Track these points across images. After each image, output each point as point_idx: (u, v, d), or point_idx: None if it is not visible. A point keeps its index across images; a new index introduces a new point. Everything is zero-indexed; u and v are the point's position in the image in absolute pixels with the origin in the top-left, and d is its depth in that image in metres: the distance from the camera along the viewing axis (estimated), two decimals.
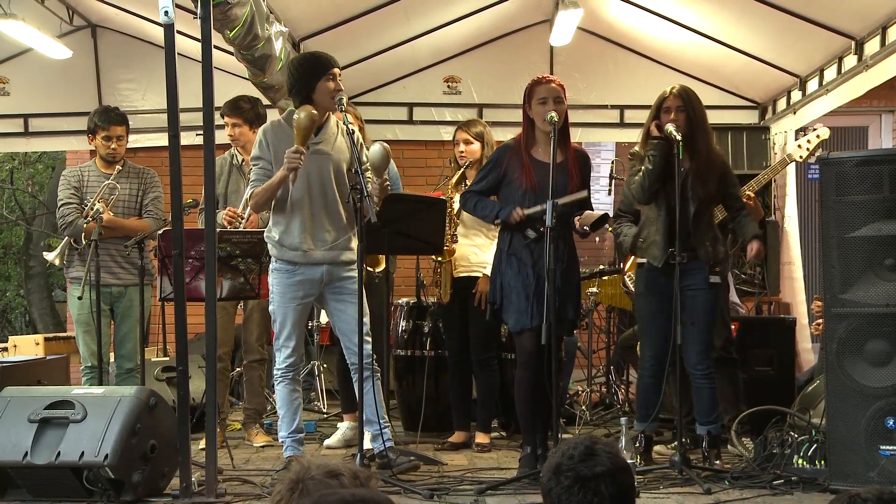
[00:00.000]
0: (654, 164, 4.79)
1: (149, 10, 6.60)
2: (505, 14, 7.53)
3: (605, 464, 2.16)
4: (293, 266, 4.77)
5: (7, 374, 5.79)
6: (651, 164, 4.80)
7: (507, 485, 4.50)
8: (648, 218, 4.97)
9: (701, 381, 4.86)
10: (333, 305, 4.85)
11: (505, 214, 4.77)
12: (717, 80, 7.77)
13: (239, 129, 5.81)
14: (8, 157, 15.69)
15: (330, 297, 4.83)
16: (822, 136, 5.57)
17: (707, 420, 4.89)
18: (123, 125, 5.85)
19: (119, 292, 5.80)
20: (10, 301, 17.38)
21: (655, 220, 4.90)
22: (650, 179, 4.81)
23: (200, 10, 4.20)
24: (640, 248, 4.98)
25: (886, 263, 4.31)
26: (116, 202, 5.75)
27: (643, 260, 5.00)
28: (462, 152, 5.69)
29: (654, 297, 4.92)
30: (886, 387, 4.28)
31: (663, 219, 4.85)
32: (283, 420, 4.80)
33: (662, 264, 4.82)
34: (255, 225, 5.67)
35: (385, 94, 8.15)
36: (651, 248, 4.90)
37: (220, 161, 5.76)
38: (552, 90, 4.79)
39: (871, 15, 5.82)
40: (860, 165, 4.39)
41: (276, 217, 4.80)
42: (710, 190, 4.86)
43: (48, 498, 4.27)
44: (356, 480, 2.01)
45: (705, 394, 4.88)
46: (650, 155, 4.81)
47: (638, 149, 4.98)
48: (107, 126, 5.77)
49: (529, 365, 4.76)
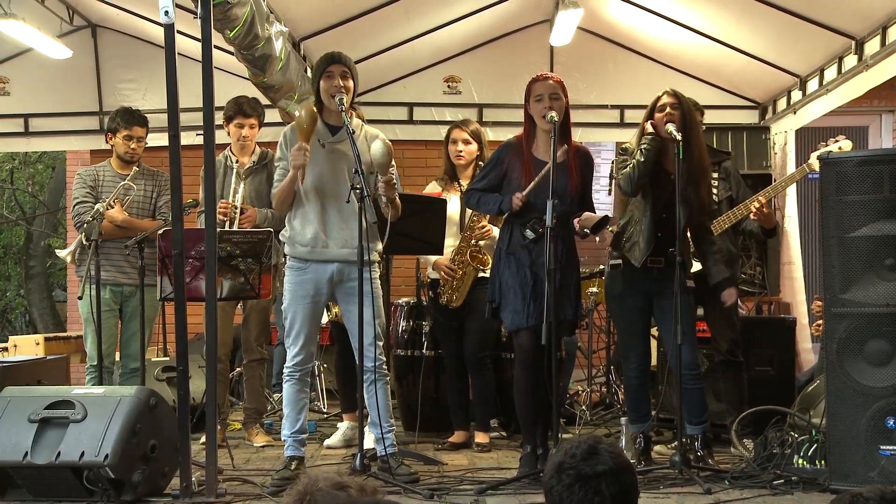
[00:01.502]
0: (646, 156, 4.77)
1: (149, 10, 6.61)
2: (505, 14, 7.53)
3: (607, 463, 2.16)
4: (304, 263, 4.77)
5: (7, 374, 5.79)
6: (643, 157, 4.78)
7: (507, 484, 4.49)
8: (633, 217, 4.93)
9: (691, 383, 4.85)
10: (344, 306, 4.83)
11: (507, 205, 4.78)
12: (717, 79, 7.77)
13: (254, 129, 5.85)
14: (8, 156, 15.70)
15: (342, 297, 4.81)
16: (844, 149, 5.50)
17: (699, 420, 4.90)
18: (145, 127, 5.92)
19: (130, 292, 5.81)
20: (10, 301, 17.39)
21: (640, 219, 4.88)
22: (639, 171, 4.77)
23: (200, 9, 4.20)
24: (624, 246, 4.96)
25: (887, 263, 4.31)
26: (131, 203, 5.77)
27: (617, 262, 4.98)
28: (461, 152, 5.69)
29: (635, 298, 4.93)
30: (886, 387, 4.28)
31: (648, 219, 4.84)
32: (287, 419, 4.79)
33: (641, 265, 4.83)
34: (252, 218, 5.68)
35: (385, 94, 8.15)
36: (633, 249, 4.89)
37: None
38: (548, 87, 4.79)
39: (871, 15, 5.82)
40: (860, 165, 4.39)
41: (290, 215, 4.82)
42: (701, 194, 4.85)
43: (48, 498, 4.27)
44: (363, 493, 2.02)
45: (696, 395, 4.88)
46: (643, 148, 4.78)
47: (629, 144, 4.98)
48: (129, 126, 5.83)
49: (528, 364, 4.76)
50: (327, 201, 4.73)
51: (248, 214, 5.69)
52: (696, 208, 4.85)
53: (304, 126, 4.60)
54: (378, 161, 4.57)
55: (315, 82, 4.82)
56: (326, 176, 4.73)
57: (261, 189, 5.82)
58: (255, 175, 5.84)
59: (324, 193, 4.73)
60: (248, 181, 5.81)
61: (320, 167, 4.71)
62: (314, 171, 4.70)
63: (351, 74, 4.79)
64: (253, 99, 5.97)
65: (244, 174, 5.80)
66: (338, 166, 4.70)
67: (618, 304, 5.08)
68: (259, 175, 5.85)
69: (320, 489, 2.00)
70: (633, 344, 5.02)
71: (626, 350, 5.07)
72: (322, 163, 4.72)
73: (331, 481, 2.03)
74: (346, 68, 4.77)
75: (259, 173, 5.85)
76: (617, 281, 5.01)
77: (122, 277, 5.77)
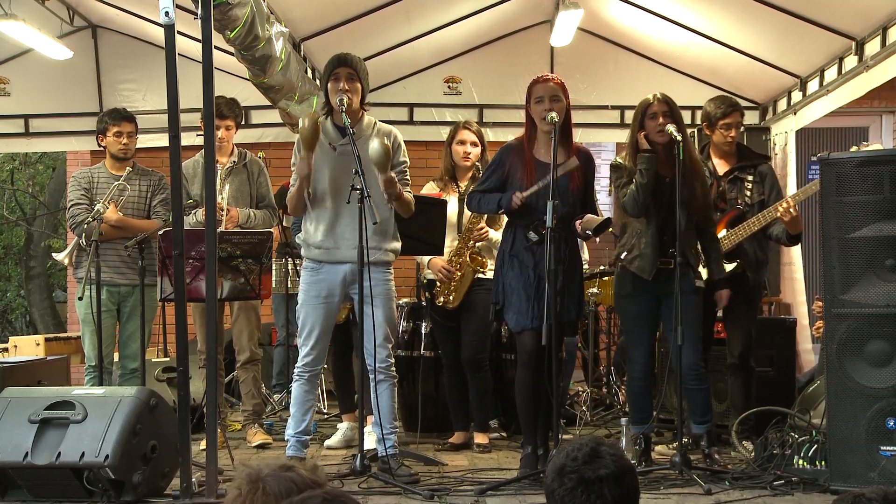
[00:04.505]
0: (646, 177, 4.80)
1: (149, 10, 6.60)
2: (505, 14, 7.53)
3: (610, 466, 2.15)
4: (317, 265, 4.80)
5: (8, 374, 5.80)
6: (643, 179, 4.80)
7: (507, 485, 4.49)
8: (635, 230, 4.95)
9: (693, 383, 4.86)
10: (356, 308, 4.81)
11: (506, 203, 4.77)
12: (717, 80, 7.77)
13: (230, 131, 5.84)
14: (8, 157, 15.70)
15: (355, 297, 4.80)
16: None
17: (703, 419, 4.91)
18: (133, 123, 5.93)
19: (127, 292, 5.81)
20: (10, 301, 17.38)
21: (644, 232, 4.90)
22: (643, 193, 4.81)
23: (201, 10, 4.20)
24: (625, 261, 4.96)
25: (887, 264, 4.31)
26: (126, 203, 5.77)
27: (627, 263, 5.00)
28: (469, 153, 5.66)
29: (642, 299, 4.94)
30: (887, 387, 4.27)
31: (653, 232, 4.86)
32: (293, 418, 4.80)
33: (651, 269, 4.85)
34: (235, 219, 5.67)
35: (385, 95, 8.15)
36: (639, 261, 4.90)
37: (192, 163, 5.80)
38: (549, 88, 4.79)
39: (871, 15, 5.81)
40: (861, 166, 4.38)
41: (305, 217, 4.84)
42: (695, 195, 4.86)
43: (48, 498, 4.27)
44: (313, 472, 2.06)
45: (699, 395, 4.89)
46: (642, 169, 4.81)
47: (622, 160, 4.98)
48: (118, 122, 5.85)
49: (530, 364, 4.76)
50: (339, 203, 4.73)
51: (232, 215, 5.69)
52: (693, 207, 4.86)
53: (307, 136, 4.60)
54: (374, 160, 4.56)
55: (324, 84, 4.83)
56: (337, 178, 4.74)
57: (242, 189, 5.82)
58: (235, 175, 5.84)
59: (335, 195, 4.74)
60: (228, 181, 5.80)
61: (331, 169, 4.73)
62: (325, 173, 4.73)
63: (358, 76, 4.79)
64: (231, 99, 5.95)
65: (224, 174, 5.79)
66: (348, 168, 4.68)
67: (625, 304, 5.08)
68: (239, 175, 5.85)
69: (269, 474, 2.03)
70: (638, 345, 5.02)
71: (631, 351, 5.07)
72: (332, 165, 4.73)
73: (274, 465, 2.06)
74: (353, 70, 4.77)
75: (239, 173, 5.85)
76: (626, 282, 5.01)
77: (118, 278, 5.77)
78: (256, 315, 5.95)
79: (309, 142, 4.61)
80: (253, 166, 5.91)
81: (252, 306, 5.85)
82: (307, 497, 1.91)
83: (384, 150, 4.55)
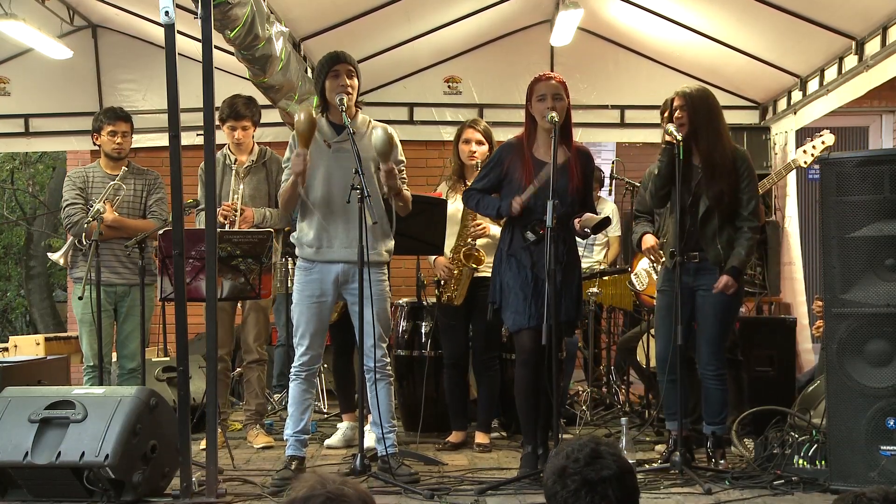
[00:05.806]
0: (659, 168, 4.85)
1: (149, 10, 6.61)
2: (505, 14, 7.54)
3: (611, 467, 2.15)
4: (310, 264, 4.79)
5: (8, 374, 5.79)
6: (657, 170, 4.87)
7: (507, 485, 4.49)
8: (665, 221, 5.05)
9: (711, 382, 4.86)
10: (351, 307, 4.81)
11: (506, 209, 4.78)
12: (717, 80, 7.77)
13: (247, 130, 5.85)
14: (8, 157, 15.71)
15: (349, 297, 4.80)
16: (826, 143, 5.54)
17: (714, 420, 4.90)
18: (129, 122, 5.92)
19: (123, 292, 5.80)
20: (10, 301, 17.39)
21: (668, 222, 4.97)
22: (657, 184, 4.90)
23: (201, 10, 4.20)
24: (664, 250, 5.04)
25: (887, 264, 4.31)
26: (121, 203, 5.77)
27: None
28: (474, 152, 5.66)
29: (666, 295, 4.96)
30: (887, 387, 4.28)
31: (674, 222, 4.87)
32: (291, 418, 4.79)
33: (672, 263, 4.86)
34: (250, 220, 5.68)
35: (385, 95, 8.16)
36: (664, 251, 4.98)
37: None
38: (551, 87, 4.79)
39: (871, 15, 5.82)
40: (861, 166, 4.39)
41: (299, 215, 4.83)
42: (716, 190, 4.83)
43: (48, 498, 4.27)
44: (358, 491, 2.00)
45: (715, 395, 4.88)
46: (658, 160, 4.88)
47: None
48: (113, 121, 5.83)
49: (529, 364, 4.76)
50: (333, 201, 4.73)
51: (246, 216, 5.68)
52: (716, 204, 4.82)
53: (303, 132, 4.58)
54: (378, 149, 4.56)
55: (320, 82, 4.81)
56: (332, 176, 4.73)
57: (259, 188, 5.82)
58: (254, 174, 5.84)
59: (329, 193, 4.73)
60: (246, 180, 5.81)
61: (326, 167, 4.72)
62: (320, 171, 4.71)
63: (356, 73, 4.80)
64: (248, 98, 5.94)
65: (243, 173, 5.80)
66: (343, 166, 4.68)
67: (658, 298, 5.11)
68: (258, 174, 5.85)
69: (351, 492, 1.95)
70: (659, 339, 5.03)
71: (657, 346, 5.08)
72: (328, 163, 4.72)
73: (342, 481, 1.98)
74: (352, 67, 4.78)
75: (258, 172, 5.85)
76: (662, 276, 5.05)
77: (114, 277, 5.76)
78: (265, 316, 5.96)
79: (305, 137, 4.59)
80: (272, 164, 5.89)
81: (262, 307, 5.86)
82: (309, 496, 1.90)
83: (388, 138, 4.56)
